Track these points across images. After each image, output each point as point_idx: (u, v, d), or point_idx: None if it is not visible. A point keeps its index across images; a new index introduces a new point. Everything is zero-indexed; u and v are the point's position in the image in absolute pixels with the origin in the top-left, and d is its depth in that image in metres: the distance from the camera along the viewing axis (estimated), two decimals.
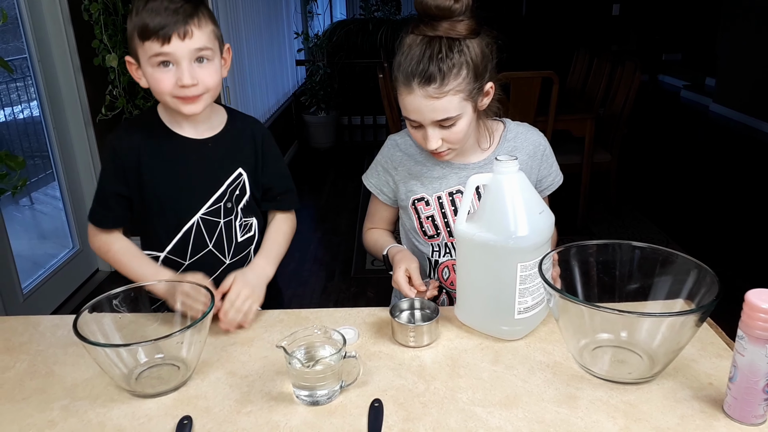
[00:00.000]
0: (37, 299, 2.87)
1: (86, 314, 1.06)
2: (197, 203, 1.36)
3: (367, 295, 3.18)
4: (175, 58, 1.22)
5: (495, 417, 0.97)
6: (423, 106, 1.22)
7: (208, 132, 1.37)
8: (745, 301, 0.88)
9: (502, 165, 1.11)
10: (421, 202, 1.40)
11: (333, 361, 1.00)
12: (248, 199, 1.42)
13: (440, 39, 1.21)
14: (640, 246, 1.16)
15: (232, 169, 1.38)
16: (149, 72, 1.24)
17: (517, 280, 1.11)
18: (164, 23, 1.20)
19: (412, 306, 1.24)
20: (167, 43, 1.20)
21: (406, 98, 1.24)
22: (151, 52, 1.21)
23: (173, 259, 1.39)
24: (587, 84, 4.56)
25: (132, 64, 1.29)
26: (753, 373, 0.89)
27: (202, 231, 1.38)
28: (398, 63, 1.24)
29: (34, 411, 1.01)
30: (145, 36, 1.21)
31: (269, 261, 1.39)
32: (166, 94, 1.25)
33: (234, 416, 0.98)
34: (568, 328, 1.07)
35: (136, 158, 1.33)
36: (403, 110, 1.27)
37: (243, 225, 1.43)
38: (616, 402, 0.99)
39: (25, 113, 3.06)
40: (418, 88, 1.21)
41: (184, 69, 1.22)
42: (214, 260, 1.40)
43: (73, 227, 3.25)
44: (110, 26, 2.89)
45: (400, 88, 1.25)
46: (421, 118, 1.24)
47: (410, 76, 1.21)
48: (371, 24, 6.73)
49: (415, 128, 1.29)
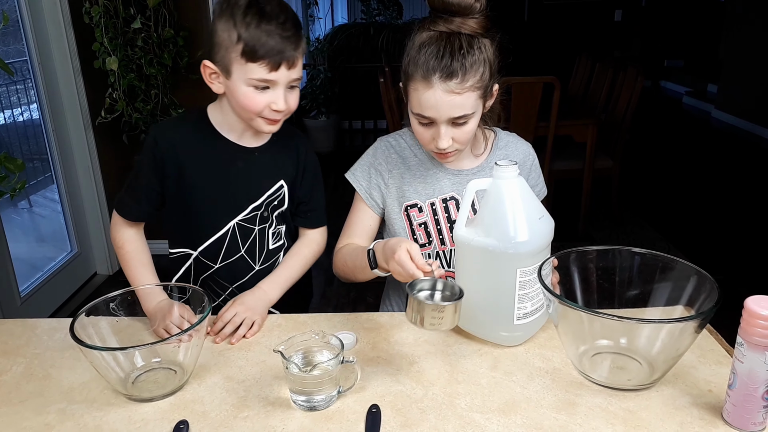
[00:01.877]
0: (34, 302, 2.86)
1: (83, 317, 1.05)
2: (236, 210, 1.35)
3: (367, 300, 3.17)
4: (275, 84, 1.21)
5: (493, 423, 0.96)
6: (442, 101, 1.20)
7: (256, 141, 1.35)
8: (745, 308, 0.87)
9: (502, 170, 1.11)
10: (414, 209, 1.39)
11: (331, 366, 1.00)
12: (284, 210, 1.41)
13: (459, 35, 1.21)
14: (640, 252, 1.16)
15: (274, 181, 1.37)
16: (242, 90, 1.21)
17: (517, 285, 1.11)
18: (277, 50, 1.17)
19: (433, 287, 1.10)
20: (275, 71, 1.19)
21: (424, 93, 1.21)
22: (255, 75, 1.19)
23: (204, 261, 1.38)
24: (589, 89, 4.56)
25: (210, 70, 1.25)
26: (752, 380, 0.89)
27: (237, 236, 1.37)
28: (413, 58, 1.22)
29: (31, 414, 1.01)
30: (253, 58, 1.17)
31: (274, 286, 1.36)
32: (254, 113, 1.23)
33: (231, 421, 0.98)
34: (568, 334, 1.07)
35: (178, 155, 1.31)
36: (417, 107, 1.24)
37: (275, 233, 1.42)
38: (615, 409, 0.99)
39: (24, 116, 3.06)
40: (439, 83, 1.19)
41: (279, 95, 1.22)
42: (244, 265, 1.40)
43: (71, 230, 3.25)
44: (111, 29, 2.89)
45: (415, 84, 1.22)
46: (437, 115, 1.22)
47: (431, 70, 1.19)
48: (372, 28, 6.74)
49: (425, 126, 1.26)
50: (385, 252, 1.19)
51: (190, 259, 1.38)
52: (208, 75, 1.26)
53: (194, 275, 1.41)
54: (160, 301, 1.22)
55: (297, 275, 1.41)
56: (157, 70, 3.06)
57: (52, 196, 3.21)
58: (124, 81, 2.98)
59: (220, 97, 1.31)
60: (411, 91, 1.24)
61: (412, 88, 1.24)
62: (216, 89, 1.27)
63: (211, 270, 1.38)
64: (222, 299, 1.42)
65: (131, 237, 1.36)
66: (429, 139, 1.27)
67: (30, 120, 3.07)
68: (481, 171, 1.38)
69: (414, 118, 1.27)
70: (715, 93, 7.37)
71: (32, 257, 3.12)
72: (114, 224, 1.37)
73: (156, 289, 1.25)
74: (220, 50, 1.21)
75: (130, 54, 3.00)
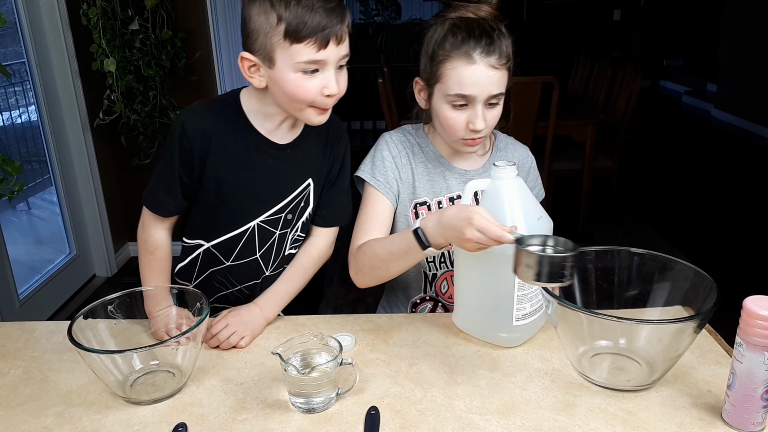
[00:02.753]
0: (33, 305, 2.86)
1: (81, 320, 1.05)
2: (260, 210, 1.28)
3: (366, 301, 3.16)
4: (325, 65, 1.11)
5: (492, 425, 0.96)
6: (484, 77, 1.20)
7: (290, 133, 1.26)
8: (743, 308, 0.87)
9: (500, 170, 1.11)
10: (423, 207, 1.37)
11: (329, 368, 0.99)
12: (310, 212, 1.33)
13: (485, 20, 1.23)
14: (639, 252, 1.15)
15: (302, 180, 1.29)
16: (289, 78, 1.11)
17: (516, 286, 1.10)
18: (323, 25, 1.07)
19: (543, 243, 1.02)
20: (323, 48, 1.09)
21: (465, 71, 1.20)
22: (302, 58, 1.09)
23: (215, 255, 1.32)
24: (588, 89, 4.55)
25: (249, 62, 1.14)
26: (751, 380, 0.88)
27: (255, 238, 1.30)
28: (442, 44, 1.22)
29: (29, 417, 1.00)
30: (298, 37, 1.07)
31: (271, 304, 1.29)
32: (305, 103, 1.14)
33: (229, 423, 0.98)
34: (567, 335, 1.07)
35: (206, 144, 1.20)
36: (457, 86, 1.21)
37: (295, 239, 1.36)
38: (614, 409, 0.98)
39: (22, 118, 3.06)
40: (480, 59, 1.19)
41: (331, 77, 1.12)
42: (255, 268, 1.34)
43: (70, 232, 3.25)
44: (108, 31, 2.89)
45: (453, 63, 1.21)
46: (479, 92, 1.21)
47: (472, 47, 1.19)
48: (371, 29, 6.74)
49: (459, 109, 1.24)
50: (446, 224, 1.08)
51: (200, 249, 1.32)
52: (247, 68, 1.15)
53: (200, 267, 1.35)
54: (163, 306, 1.19)
55: (296, 290, 1.35)
56: (156, 72, 3.06)
57: (51, 198, 3.21)
58: (122, 82, 2.97)
59: None
60: (448, 72, 1.22)
61: (449, 68, 1.22)
62: (257, 83, 1.16)
63: (220, 266, 1.33)
64: (224, 294, 1.37)
65: (163, 243, 1.28)
66: (462, 123, 1.24)
67: (28, 122, 3.07)
68: (486, 172, 1.37)
69: (447, 103, 1.24)
70: (715, 92, 7.37)
71: (31, 259, 3.11)
72: (144, 223, 1.28)
73: (164, 293, 1.20)
74: (258, 37, 1.10)
75: (128, 55, 3.00)
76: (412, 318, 1.28)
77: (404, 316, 1.30)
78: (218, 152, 1.21)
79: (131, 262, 3.62)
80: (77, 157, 3.18)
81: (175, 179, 1.23)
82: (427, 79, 1.28)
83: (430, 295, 1.42)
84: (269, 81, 1.15)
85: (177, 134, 1.20)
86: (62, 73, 3.01)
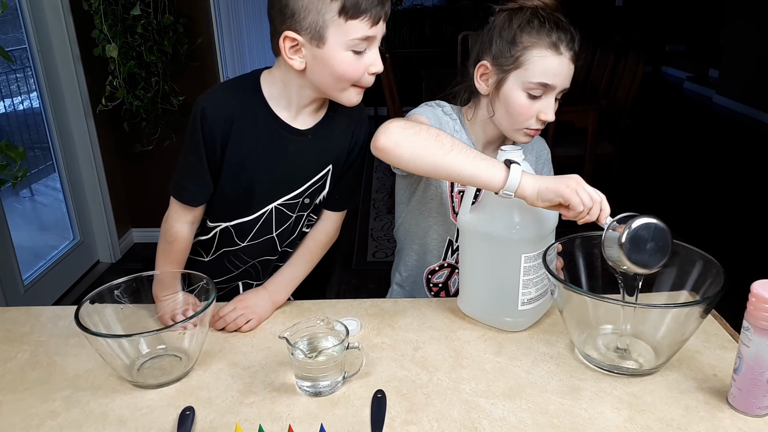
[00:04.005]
0: (37, 291, 2.87)
1: (87, 305, 1.05)
2: (278, 195, 1.26)
3: (369, 287, 3.18)
4: (373, 42, 1.10)
5: (498, 408, 0.96)
6: (567, 69, 1.21)
7: (312, 118, 1.24)
8: (751, 292, 0.87)
9: (506, 155, 1.10)
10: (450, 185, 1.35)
11: (336, 352, 1.00)
12: (325, 195, 1.32)
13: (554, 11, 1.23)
14: None
15: (323, 166, 1.28)
16: (341, 57, 1.09)
17: (521, 271, 1.10)
18: (377, 0, 1.06)
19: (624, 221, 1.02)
20: (376, 24, 1.08)
21: (552, 60, 1.19)
22: (356, 35, 1.07)
23: (232, 234, 1.31)
24: (590, 75, 4.54)
25: (292, 42, 1.09)
26: (758, 365, 0.89)
27: (272, 219, 1.29)
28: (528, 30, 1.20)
29: (36, 402, 1.01)
30: (356, 13, 1.05)
31: (279, 288, 1.30)
32: (351, 81, 1.12)
33: (236, 407, 0.98)
34: (572, 319, 1.07)
35: (227, 130, 1.18)
36: (540, 75, 1.19)
37: (309, 220, 1.36)
38: (620, 393, 0.99)
39: (25, 104, 3.05)
40: (566, 51, 1.19)
41: (377, 54, 1.11)
42: (271, 245, 1.33)
43: (73, 218, 3.25)
44: (110, 16, 2.87)
45: (542, 51, 1.19)
46: (559, 83, 1.21)
47: (561, 38, 1.19)
48: None
49: (534, 99, 1.22)
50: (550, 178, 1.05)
51: (217, 229, 1.31)
52: (287, 49, 1.10)
53: (217, 244, 1.34)
54: (171, 291, 1.19)
55: (303, 274, 1.35)
56: (158, 58, 3.05)
57: (54, 184, 3.21)
58: (124, 68, 2.96)
59: (278, 68, 1.18)
60: (534, 58, 1.20)
61: (536, 56, 1.19)
62: (297, 65, 1.11)
63: (236, 246, 1.32)
64: (240, 271, 1.37)
65: (184, 237, 1.27)
66: (533, 112, 1.23)
67: (30, 108, 3.06)
68: None
69: (523, 90, 1.22)
70: (717, 78, 7.35)
71: (35, 246, 3.12)
72: (170, 215, 1.26)
73: (172, 278, 1.20)
74: (308, 16, 1.06)
75: (130, 41, 2.99)
76: (417, 303, 1.29)
77: (409, 300, 1.30)
78: (238, 138, 1.19)
79: (135, 248, 3.62)
80: (80, 143, 3.17)
81: (203, 166, 1.20)
82: (500, 64, 1.24)
83: (449, 262, 1.41)
84: (312, 61, 1.11)
85: (198, 121, 1.17)
86: (64, 59, 3.00)
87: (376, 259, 3.49)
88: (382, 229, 3.96)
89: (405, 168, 1.11)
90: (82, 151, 3.19)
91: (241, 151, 1.20)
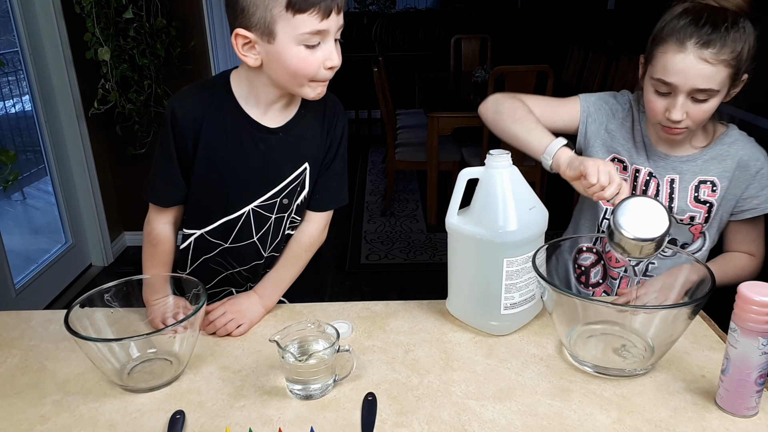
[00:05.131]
0: (29, 294, 2.86)
1: (78, 309, 1.05)
2: (254, 195, 1.25)
3: (362, 289, 3.18)
4: (327, 35, 1.08)
5: (488, 410, 0.96)
6: (692, 68, 1.16)
7: (282, 115, 1.23)
8: (738, 294, 0.88)
9: (493, 159, 1.11)
10: (619, 164, 1.36)
11: (326, 355, 1.00)
12: (306, 196, 1.30)
13: (726, 10, 1.19)
14: None
15: (298, 165, 1.26)
16: (292, 51, 1.07)
17: (504, 275, 1.11)
18: None
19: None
20: (326, 18, 1.05)
21: (674, 57, 1.18)
22: (306, 29, 1.05)
23: (209, 241, 1.29)
24: (582, 78, 4.56)
25: (244, 39, 1.09)
26: (745, 365, 0.89)
27: (251, 223, 1.27)
28: (669, 23, 1.20)
29: (26, 406, 1.01)
30: (303, 7, 1.03)
31: (269, 292, 1.29)
32: (306, 77, 1.10)
33: (227, 410, 0.98)
34: (562, 321, 1.07)
35: (197, 128, 1.18)
36: (661, 71, 1.20)
37: (292, 221, 1.33)
38: (609, 394, 0.99)
39: (16, 107, 3.05)
40: (693, 48, 1.16)
41: (332, 48, 1.09)
42: (254, 251, 1.32)
43: (65, 222, 3.24)
44: (102, 19, 2.87)
45: (665, 47, 1.19)
46: (682, 81, 1.18)
47: (688, 35, 1.16)
48: (366, 18, 6.72)
49: (661, 95, 1.22)
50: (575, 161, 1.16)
51: (192, 238, 1.30)
52: (241, 47, 1.10)
53: (195, 251, 1.32)
54: (161, 294, 1.20)
55: (292, 276, 1.34)
56: (150, 61, 3.05)
57: (46, 188, 3.20)
58: (117, 71, 2.96)
59: (243, 66, 1.17)
60: (658, 54, 1.21)
61: (660, 52, 1.20)
62: (252, 62, 1.11)
63: (218, 249, 1.31)
64: (225, 275, 1.36)
65: (167, 238, 1.28)
66: (661, 109, 1.23)
67: (22, 112, 3.06)
68: (691, 160, 1.32)
69: (651, 86, 1.23)
70: None
71: (27, 249, 3.11)
72: (149, 218, 1.27)
73: (162, 281, 1.21)
74: (256, 11, 1.05)
75: (123, 44, 2.98)
76: (408, 305, 1.29)
77: (401, 303, 1.30)
78: (208, 137, 1.19)
79: (127, 251, 3.62)
80: (72, 146, 3.17)
81: (174, 166, 1.21)
82: (646, 57, 1.26)
83: (597, 249, 1.40)
84: (266, 57, 1.10)
85: (168, 121, 1.18)
86: (56, 63, 2.99)
87: (369, 261, 3.48)
88: (375, 232, 3.96)
89: (490, 128, 1.37)
90: (74, 154, 3.19)
91: (213, 150, 1.20)
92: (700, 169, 1.30)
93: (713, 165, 1.30)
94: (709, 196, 1.30)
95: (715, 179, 1.29)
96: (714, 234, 1.35)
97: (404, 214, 4.29)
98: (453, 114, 3.77)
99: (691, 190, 1.30)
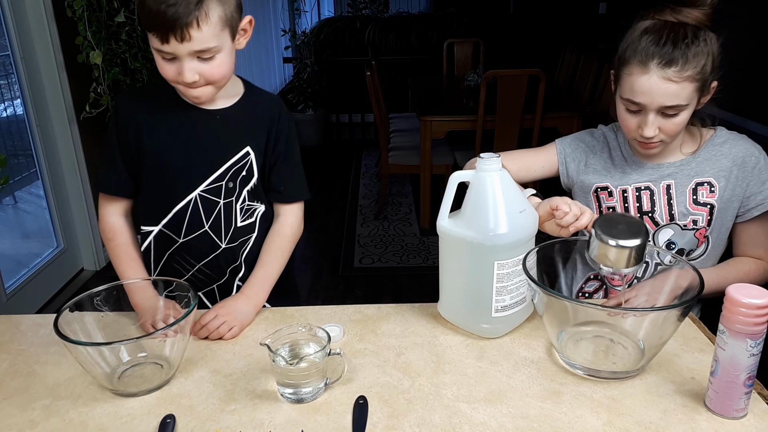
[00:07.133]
0: (20, 299, 2.84)
1: (67, 313, 1.05)
2: (197, 179, 1.29)
3: (356, 293, 3.18)
4: (175, 56, 1.15)
5: (479, 413, 0.97)
6: (656, 88, 1.19)
7: (221, 104, 1.30)
8: (726, 296, 0.88)
9: (484, 162, 1.11)
10: (604, 192, 1.39)
11: (317, 358, 1.00)
12: (256, 183, 1.33)
13: (685, 25, 1.21)
14: None
15: (239, 147, 1.30)
16: (156, 56, 1.17)
17: (495, 278, 1.11)
18: (160, 22, 1.09)
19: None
20: (166, 43, 1.12)
21: (638, 79, 1.21)
22: (153, 45, 1.15)
23: (167, 234, 1.33)
24: (574, 82, 4.57)
25: None
26: (734, 367, 0.90)
27: (200, 209, 1.31)
28: (632, 44, 1.23)
29: (15, 411, 1.00)
30: (146, 27, 1.13)
31: (257, 290, 1.31)
32: (170, 81, 1.20)
33: (218, 414, 0.98)
34: (552, 323, 1.08)
35: (137, 122, 1.27)
36: (629, 92, 1.23)
37: (245, 209, 1.35)
38: (599, 397, 1.00)
39: (8, 111, 3.03)
40: (656, 69, 1.19)
41: (182, 67, 1.15)
42: (209, 242, 1.34)
43: (57, 226, 3.23)
44: (94, 23, 2.87)
45: (630, 68, 1.22)
46: (649, 101, 1.21)
47: (650, 56, 1.19)
48: (359, 21, 6.72)
49: (632, 113, 1.26)
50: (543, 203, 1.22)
51: (151, 236, 1.33)
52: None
53: (156, 251, 1.35)
54: (147, 296, 1.21)
55: (277, 271, 1.36)
56: (142, 64, 3.04)
57: (37, 192, 3.19)
58: (109, 75, 2.95)
59: None
60: (624, 76, 1.24)
61: (626, 73, 1.23)
62: None
63: (174, 245, 1.33)
64: (188, 278, 1.36)
65: (121, 228, 1.33)
66: (634, 126, 1.26)
67: (14, 115, 3.04)
68: (684, 165, 1.34)
69: (622, 104, 1.27)
70: None
71: (18, 253, 3.09)
72: (101, 211, 1.33)
73: (144, 283, 1.23)
74: None
75: (114, 48, 2.98)
76: (400, 308, 1.29)
77: (392, 306, 1.30)
78: (148, 126, 1.27)
79: None
80: (64, 150, 3.16)
81: (117, 156, 1.29)
82: (614, 75, 1.30)
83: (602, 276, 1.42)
84: None
85: (113, 114, 1.29)
86: (48, 66, 2.99)
87: (363, 265, 3.48)
88: (369, 235, 3.97)
89: None
90: (65, 158, 3.18)
91: (154, 135, 1.28)
92: (695, 171, 1.32)
93: (708, 166, 1.31)
94: (708, 198, 1.31)
95: (711, 179, 1.31)
96: (717, 238, 1.36)
97: (397, 218, 4.29)
98: (446, 118, 3.78)
99: (689, 192, 1.31)
